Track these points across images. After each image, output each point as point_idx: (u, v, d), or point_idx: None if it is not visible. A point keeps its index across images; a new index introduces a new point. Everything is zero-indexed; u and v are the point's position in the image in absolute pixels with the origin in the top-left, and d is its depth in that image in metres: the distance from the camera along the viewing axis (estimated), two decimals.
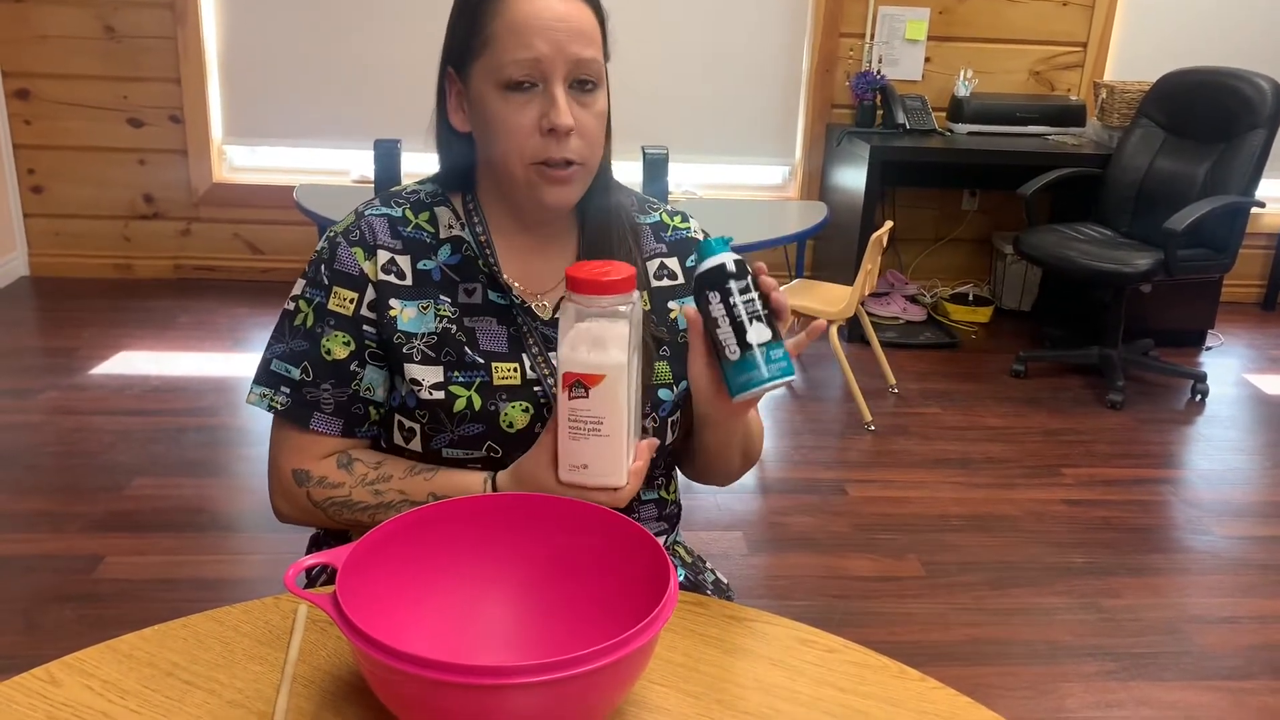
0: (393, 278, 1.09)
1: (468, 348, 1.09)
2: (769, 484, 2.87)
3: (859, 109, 4.12)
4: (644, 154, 2.86)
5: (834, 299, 3.30)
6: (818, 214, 3.44)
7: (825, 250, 4.27)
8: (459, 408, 1.07)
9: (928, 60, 4.22)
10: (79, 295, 4.04)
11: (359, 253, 1.09)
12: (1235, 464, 3.12)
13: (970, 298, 4.33)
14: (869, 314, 3.85)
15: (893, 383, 3.55)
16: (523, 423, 1.08)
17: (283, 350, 1.10)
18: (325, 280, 1.10)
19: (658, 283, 1.18)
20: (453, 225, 1.13)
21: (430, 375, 1.08)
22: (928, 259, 4.51)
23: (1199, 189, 3.49)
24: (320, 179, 4.07)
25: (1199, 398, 3.59)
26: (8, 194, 4.08)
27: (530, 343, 1.11)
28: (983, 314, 4.26)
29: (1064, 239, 3.61)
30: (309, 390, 1.09)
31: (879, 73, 4.12)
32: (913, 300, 4.29)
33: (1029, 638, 2.24)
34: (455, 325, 1.10)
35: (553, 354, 1.11)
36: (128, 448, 2.85)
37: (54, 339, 3.61)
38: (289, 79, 4.08)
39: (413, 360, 1.08)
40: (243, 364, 3.46)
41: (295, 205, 3.11)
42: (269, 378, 1.10)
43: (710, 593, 1.26)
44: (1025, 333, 4.18)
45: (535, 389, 1.09)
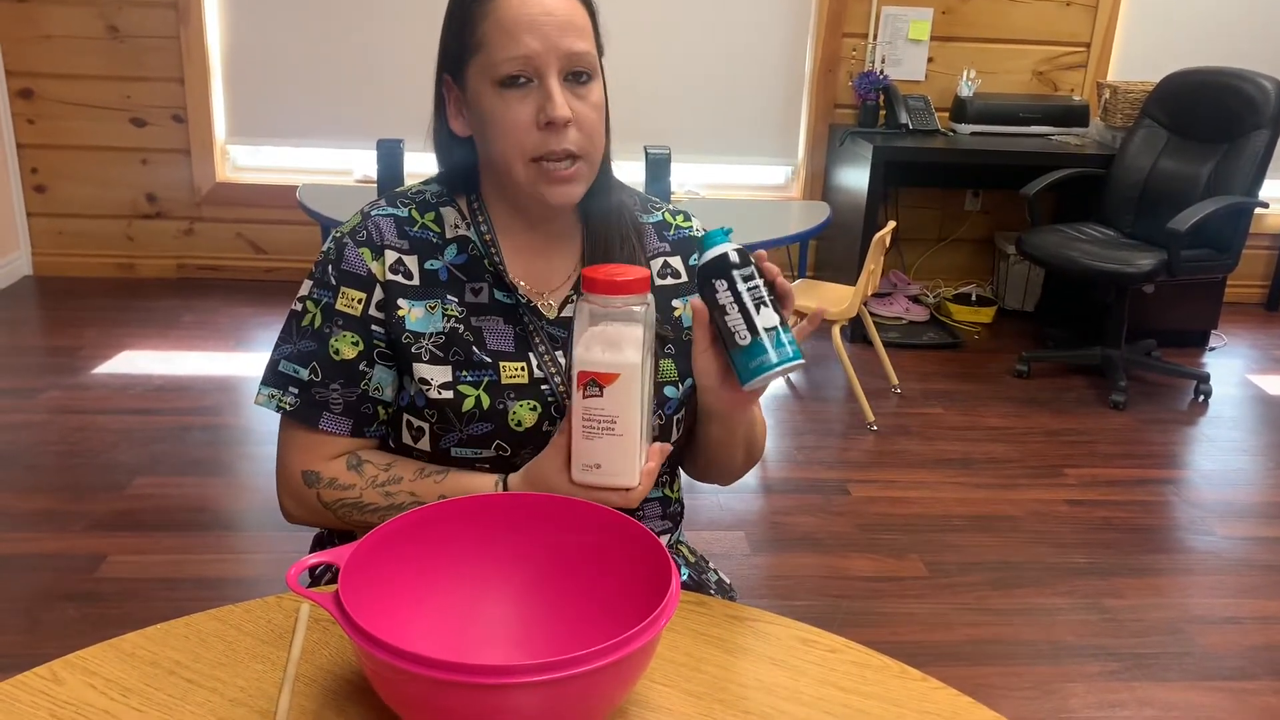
0: (400, 278, 1.10)
1: (475, 347, 1.09)
2: (771, 484, 2.87)
3: (862, 109, 4.12)
4: (646, 154, 2.86)
5: (837, 299, 3.29)
6: (820, 214, 3.44)
7: (828, 250, 4.27)
8: (467, 407, 1.07)
9: (931, 60, 4.22)
10: (82, 295, 4.04)
11: (366, 253, 1.09)
12: (1238, 465, 3.11)
13: (973, 298, 4.32)
14: (872, 314, 3.85)
15: (895, 383, 3.55)
16: (531, 421, 1.08)
17: (290, 351, 1.11)
18: (333, 281, 1.10)
19: (661, 281, 1.18)
20: (458, 225, 1.13)
21: (438, 375, 1.08)
22: (930, 259, 4.51)
23: (1202, 189, 3.49)
24: (323, 179, 4.08)
25: (1202, 398, 3.58)
26: (11, 193, 4.09)
27: (537, 341, 1.11)
28: (985, 314, 4.26)
29: (1067, 239, 3.60)
30: (318, 390, 1.09)
31: (882, 73, 4.12)
32: (915, 300, 4.29)
33: (1031, 638, 2.23)
34: (463, 325, 1.10)
35: (559, 353, 1.11)
36: (130, 447, 2.85)
37: (57, 338, 3.62)
38: (292, 79, 4.08)
39: (421, 360, 1.08)
40: (245, 363, 3.46)
41: (298, 205, 3.11)
42: (277, 378, 1.10)
43: (713, 593, 1.26)
44: (1028, 333, 4.17)
45: (543, 387, 1.09)
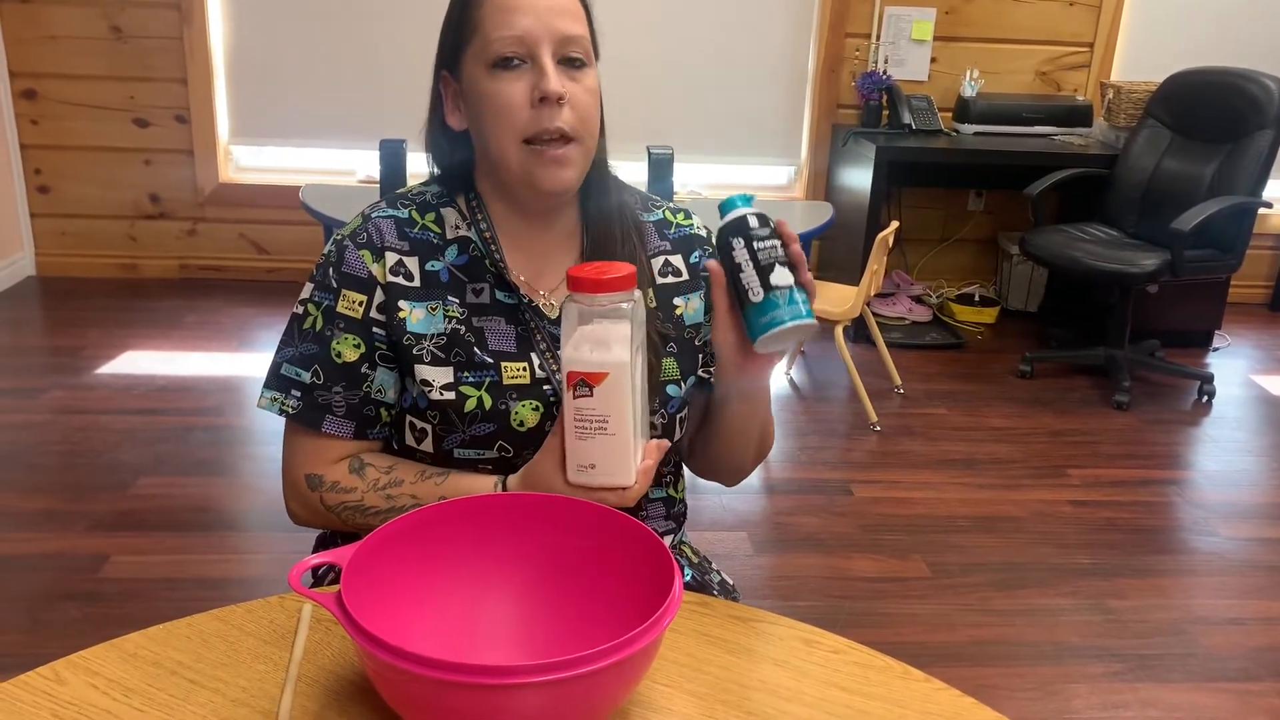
0: (401, 279, 1.10)
1: (477, 348, 1.09)
2: (774, 484, 2.86)
3: (865, 109, 4.12)
4: (649, 154, 2.85)
5: (840, 299, 3.29)
6: (823, 214, 3.43)
7: (831, 251, 4.26)
8: (469, 408, 1.07)
9: (934, 60, 4.22)
10: (85, 295, 4.05)
11: (367, 255, 1.09)
12: (1242, 465, 3.11)
13: (976, 298, 4.32)
14: (875, 314, 3.84)
15: (898, 383, 3.55)
16: (533, 421, 1.08)
17: (292, 354, 1.11)
18: (333, 283, 1.10)
19: (662, 280, 1.18)
20: (459, 226, 1.13)
21: (440, 376, 1.08)
22: (933, 259, 4.50)
23: (1206, 189, 3.48)
24: (326, 179, 4.08)
25: (1205, 399, 3.58)
26: (14, 194, 4.10)
27: (539, 340, 1.11)
28: (989, 314, 4.25)
29: (1070, 239, 3.60)
30: (320, 393, 1.09)
31: (885, 73, 4.12)
32: (918, 301, 4.29)
33: (1034, 639, 2.23)
34: (464, 326, 1.10)
35: (560, 352, 1.11)
36: (133, 447, 2.85)
37: (60, 338, 3.62)
38: (295, 79, 4.08)
39: (423, 361, 1.08)
40: (248, 364, 3.46)
41: (301, 205, 3.11)
42: (279, 382, 1.11)
43: (716, 593, 1.26)
44: (1031, 333, 4.17)
45: (545, 387, 1.09)
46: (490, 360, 1.09)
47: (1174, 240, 3.28)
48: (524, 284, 1.13)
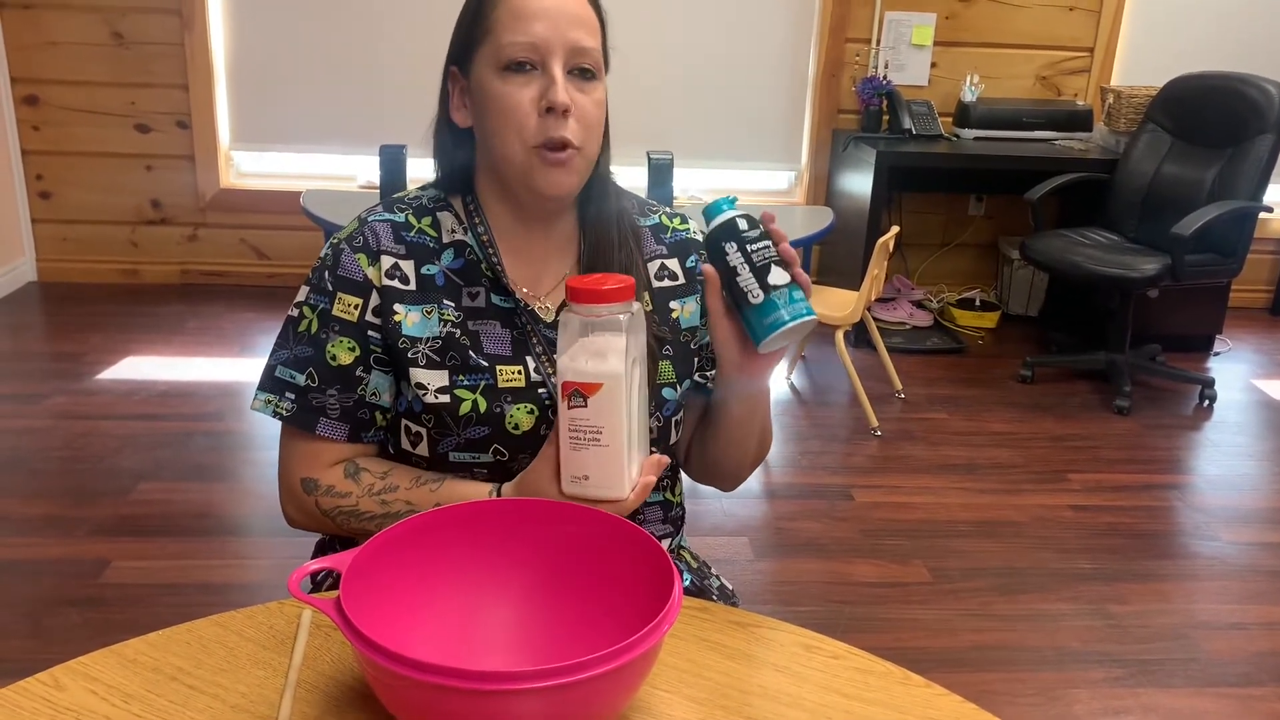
0: (397, 283, 1.10)
1: (472, 351, 1.09)
2: (774, 489, 2.86)
3: (865, 114, 4.12)
4: (649, 159, 2.86)
5: (840, 304, 3.29)
6: (824, 219, 3.43)
7: (831, 256, 4.27)
8: (464, 411, 1.07)
9: (934, 65, 4.22)
10: (86, 300, 4.05)
11: (363, 259, 1.10)
12: (1243, 470, 3.10)
13: (977, 303, 4.32)
14: (875, 319, 3.84)
15: (899, 388, 3.54)
16: (528, 425, 1.08)
17: (287, 356, 1.11)
18: (329, 286, 1.10)
19: (659, 283, 1.18)
20: (455, 229, 1.13)
21: (435, 379, 1.08)
22: (934, 264, 4.50)
23: (1206, 194, 3.48)
24: (327, 184, 4.09)
25: (1206, 403, 3.57)
26: (16, 200, 4.10)
27: (534, 344, 1.11)
28: (989, 319, 4.25)
29: (1071, 244, 3.60)
30: (314, 396, 1.09)
31: (885, 78, 4.12)
32: (919, 305, 4.29)
33: (1035, 644, 2.23)
34: (459, 329, 1.10)
35: (556, 356, 1.11)
36: (134, 452, 2.85)
37: (61, 344, 3.63)
38: (296, 85, 4.09)
39: (418, 365, 1.08)
40: (249, 369, 3.47)
41: (302, 211, 3.11)
42: (273, 384, 1.11)
43: (716, 598, 1.26)
44: (1032, 338, 4.17)
45: (540, 391, 1.09)
46: (485, 364, 1.09)
47: (1175, 245, 3.28)
48: (520, 288, 1.13)
